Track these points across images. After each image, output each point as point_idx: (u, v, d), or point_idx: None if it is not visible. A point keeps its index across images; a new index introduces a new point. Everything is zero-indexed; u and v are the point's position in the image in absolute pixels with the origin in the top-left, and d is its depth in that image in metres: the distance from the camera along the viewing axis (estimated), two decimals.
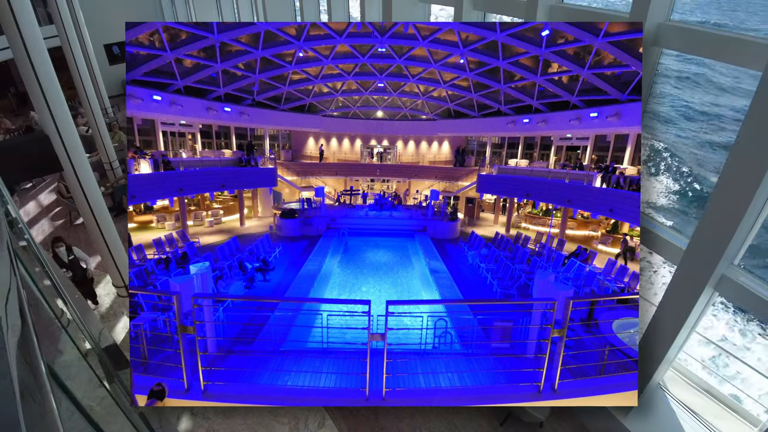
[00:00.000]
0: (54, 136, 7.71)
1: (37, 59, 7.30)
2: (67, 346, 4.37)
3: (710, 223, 5.39)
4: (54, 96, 7.58)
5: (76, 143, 8.10)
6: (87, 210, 8.66)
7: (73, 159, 8.06)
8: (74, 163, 8.11)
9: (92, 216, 8.73)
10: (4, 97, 21.04)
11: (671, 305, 6.11)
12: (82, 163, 8.30)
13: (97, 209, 8.73)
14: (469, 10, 8.91)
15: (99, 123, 13.73)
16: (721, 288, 5.59)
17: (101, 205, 8.82)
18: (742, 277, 5.39)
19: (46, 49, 7.47)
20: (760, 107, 4.62)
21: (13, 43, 7.15)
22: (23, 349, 1.83)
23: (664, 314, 6.21)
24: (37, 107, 7.62)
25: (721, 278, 5.53)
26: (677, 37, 5.75)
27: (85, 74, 13.62)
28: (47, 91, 7.48)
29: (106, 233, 9.00)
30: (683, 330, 6.06)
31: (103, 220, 8.86)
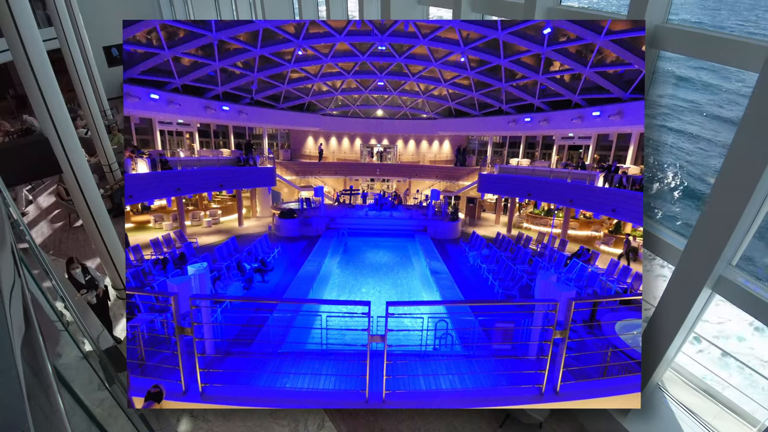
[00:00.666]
0: (53, 139, 7.77)
1: (36, 61, 7.33)
2: (66, 348, 4.32)
3: (707, 225, 5.43)
4: (53, 98, 7.63)
5: (75, 146, 8.16)
6: (86, 212, 8.72)
7: (72, 161, 8.14)
8: (74, 166, 8.19)
9: (91, 218, 8.79)
10: (2, 99, 20.99)
11: (669, 306, 6.16)
12: (82, 165, 8.37)
13: (97, 211, 8.80)
14: (468, 12, 8.94)
15: (98, 125, 13.78)
16: (719, 289, 5.64)
17: (100, 207, 8.89)
18: (740, 278, 5.45)
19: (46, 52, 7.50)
20: (757, 109, 4.65)
21: (12, 45, 7.18)
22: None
23: (663, 315, 6.26)
24: (36, 110, 7.65)
25: (719, 279, 5.59)
26: (674, 40, 5.81)
27: (84, 76, 13.66)
28: (47, 93, 7.51)
29: (106, 235, 9.05)
30: (681, 330, 6.12)
31: (102, 222, 8.93)
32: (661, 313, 6.26)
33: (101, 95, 16.52)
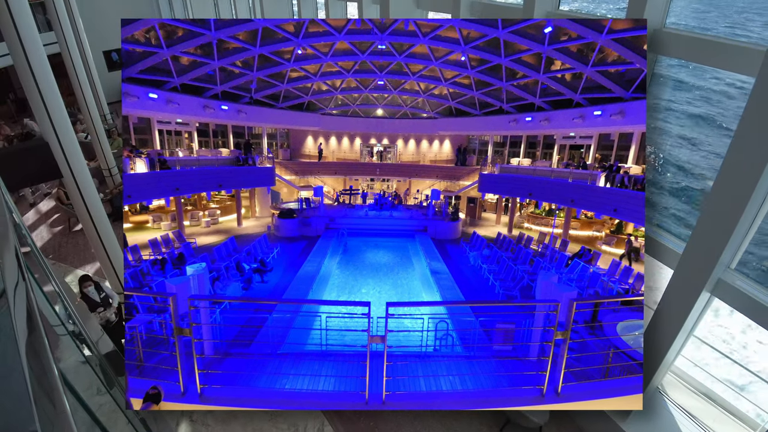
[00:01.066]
0: (54, 143, 7.81)
1: (37, 66, 7.38)
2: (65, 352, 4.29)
3: (706, 228, 5.45)
4: (54, 103, 7.67)
5: (75, 150, 8.21)
6: (86, 216, 8.75)
7: (72, 166, 8.17)
8: (74, 170, 8.23)
9: (91, 223, 8.81)
10: (3, 104, 21.09)
11: (669, 309, 6.15)
12: (82, 169, 8.41)
13: (97, 216, 8.83)
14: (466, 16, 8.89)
15: (98, 129, 13.84)
16: (718, 292, 5.65)
17: (100, 211, 8.93)
18: (739, 281, 5.46)
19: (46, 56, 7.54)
20: (754, 113, 4.65)
21: (13, 49, 7.22)
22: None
23: (662, 318, 6.26)
24: (36, 114, 7.69)
25: (718, 282, 5.60)
26: (672, 44, 5.87)
27: (84, 81, 13.74)
28: (47, 98, 7.56)
29: (106, 240, 9.14)
30: (681, 334, 6.12)
31: (102, 226, 8.97)
32: (660, 316, 6.27)
33: (101, 99, 16.60)
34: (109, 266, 9.35)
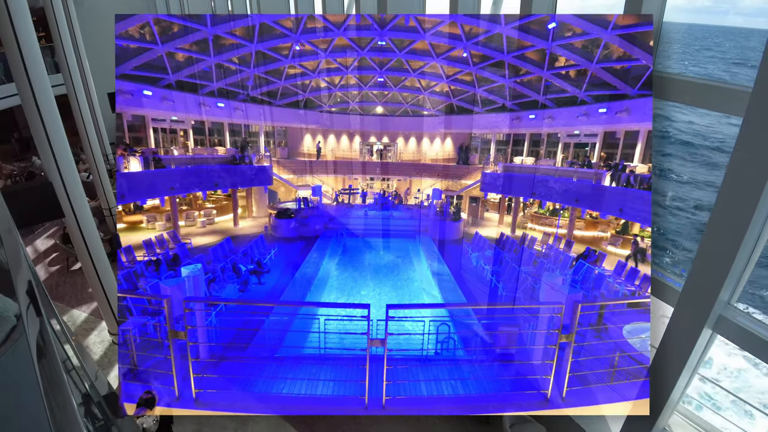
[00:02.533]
0: (57, 183, 8.05)
1: (45, 108, 7.65)
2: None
3: (704, 264, 5.46)
4: (59, 144, 7.93)
5: (78, 190, 8.46)
6: (86, 256, 8.95)
7: (74, 205, 8.38)
8: (75, 209, 8.43)
9: (91, 262, 9.02)
10: (7, 143, 21.96)
11: (671, 348, 6.10)
12: (83, 209, 8.65)
13: (96, 255, 9.06)
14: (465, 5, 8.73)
15: (100, 169, 14.20)
16: (720, 329, 5.66)
17: (100, 250, 9.14)
18: (740, 317, 5.46)
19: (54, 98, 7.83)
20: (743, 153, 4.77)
21: (22, 91, 7.52)
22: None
23: (665, 357, 6.20)
24: (42, 154, 7.93)
25: (719, 319, 5.60)
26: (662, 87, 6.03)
27: (89, 121, 14.06)
28: (53, 139, 7.81)
29: (104, 279, 9.31)
30: (685, 372, 6.06)
31: (101, 266, 9.17)
32: (662, 355, 6.21)
33: (104, 140, 16.94)
34: (107, 306, 9.53)
